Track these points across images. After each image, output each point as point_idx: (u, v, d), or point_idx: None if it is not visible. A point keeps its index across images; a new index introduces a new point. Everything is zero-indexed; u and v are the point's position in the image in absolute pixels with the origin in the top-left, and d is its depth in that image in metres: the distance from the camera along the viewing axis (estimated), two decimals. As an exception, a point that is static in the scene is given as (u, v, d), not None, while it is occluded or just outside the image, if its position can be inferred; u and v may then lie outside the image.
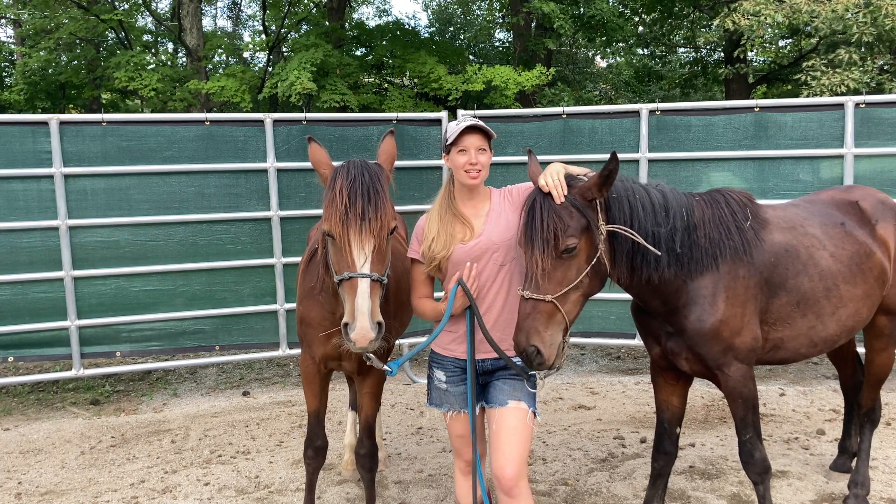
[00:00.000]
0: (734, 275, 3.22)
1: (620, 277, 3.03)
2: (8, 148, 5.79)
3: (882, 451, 4.84)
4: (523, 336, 2.73)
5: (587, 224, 2.80)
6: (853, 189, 4.08)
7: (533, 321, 2.73)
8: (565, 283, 2.77)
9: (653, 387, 3.66)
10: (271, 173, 6.24)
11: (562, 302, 2.75)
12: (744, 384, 3.29)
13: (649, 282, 3.08)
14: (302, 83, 11.52)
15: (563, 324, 2.77)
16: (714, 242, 3.19)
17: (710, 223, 3.21)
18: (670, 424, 3.61)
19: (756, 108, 6.16)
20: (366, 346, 2.70)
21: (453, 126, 3.03)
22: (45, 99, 16.54)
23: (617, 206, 2.93)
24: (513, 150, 6.39)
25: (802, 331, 3.44)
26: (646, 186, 3.10)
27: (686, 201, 3.19)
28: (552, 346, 2.75)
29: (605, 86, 21.72)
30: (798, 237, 3.48)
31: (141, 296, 6.13)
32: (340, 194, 2.80)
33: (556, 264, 2.76)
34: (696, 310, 3.18)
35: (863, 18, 9.26)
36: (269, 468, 4.85)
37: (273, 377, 7.13)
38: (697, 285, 3.18)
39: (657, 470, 3.66)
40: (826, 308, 3.46)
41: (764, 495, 3.42)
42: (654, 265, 3.01)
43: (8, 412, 6.25)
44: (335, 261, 2.88)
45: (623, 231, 2.90)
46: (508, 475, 2.94)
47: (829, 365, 6.66)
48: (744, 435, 3.37)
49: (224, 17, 29.11)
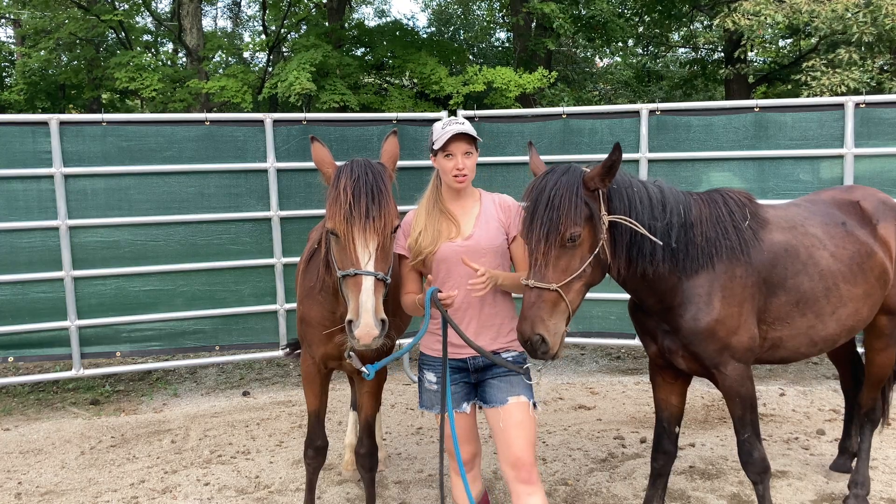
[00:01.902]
0: (731, 274, 3.22)
1: (619, 269, 3.03)
2: (8, 148, 5.79)
3: (882, 451, 4.84)
4: (528, 325, 2.75)
5: (591, 214, 2.83)
6: (854, 189, 4.08)
7: (538, 310, 2.74)
8: (569, 272, 2.79)
9: (651, 385, 3.67)
10: (271, 173, 6.24)
11: (566, 291, 2.77)
12: (741, 383, 3.29)
13: (644, 276, 3.09)
14: (301, 84, 11.52)
15: (566, 313, 2.79)
16: (710, 241, 3.20)
17: (708, 222, 3.22)
18: (669, 423, 3.61)
19: (756, 108, 6.16)
20: (370, 343, 2.71)
21: (439, 129, 3.06)
22: (45, 99, 16.54)
23: (618, 198, 2.96)
24: (513, 150, 6.38)
25: (802, 330, 3.44)
26: (644, 182, 3.12)
27: (684, 199, 3.20)
28: (556, 334, 2.77)
29: (605, 86, 21.72)
30: (798, 237, 3.48)
31: (141, 296, 6.13)
32: (345, 193, 2.81)
33: (561, 253, 2.78)
34: (691, 309, 3.19)
35: (863, 18, 9.27)
36: (269, 468, 4.85)
37: (273, 377, 7.13)
38: (693, 284, 3.18)
39: (657, 469, 3.66)
40: (826, 307, 3.46)
41: (763, 495, 3.42)
42: (650, 258, 3.03)
43: (8, 412, 6.25)
44: (338, 258, 2.88)
45: (625, 221, 2.92)
46: (526, 464, 3.01)
47: (829, 365, 6.66)
48: (742, 434, 3.37)
49: (224, 17, 29.12)
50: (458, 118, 3.11)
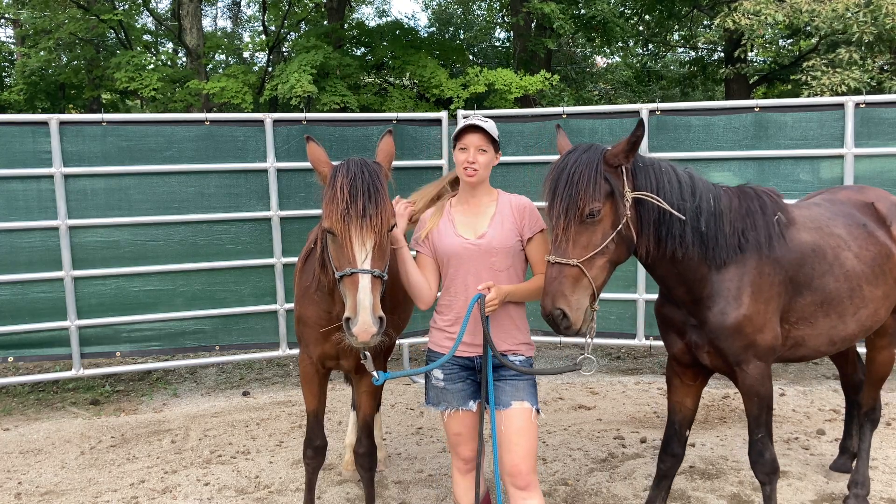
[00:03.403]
0: (760, 271, 3.20)
1: (648, 247, 3.00)
2: (8, 148, 5.79)
3: (882, 451, 4.84)
4: (549, 299, 2.76)
5: (611, 189, 2.83)
6: (865, 190, 4.07)
7: (559, 285, 2.75)
8: (591, 247, 2.80)
9: (667, 388, 3.63)
10: (271, 173, 6.24)
11: (587, 267, 2.77)
12: (761, 383, 3.27)
13: (674, 259, 3.07)
14: (302, 85, 11.52)
15: (589, 289, 2.79)
16: (740, 233, 3.18)
17: (737, 213, 3.21)
18: (681, 426, 3.58)
19: (756, 108, 6.16)
20: (367, 341, 2.71)
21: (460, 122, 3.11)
22: (45, 99, 16.54)
23: (644, 176, 2.95)
24: (513, 150, 6.39)
25: (824, 330, 3.44)
26: (674, 166, 3.11)
27: (713, 189, 3.19)
28: (578, 310, 2.77)
29: (605, 86, 21.73)
30: (825, 237, 3.48)
31: (141, 296, 6.13)
32: (341, 192, 2.81)
33: (581, 229, 2.79)
34: (720, 302, 3.17)
35: (863, 18, 9.27)
36: (269, 468, 4.85)
37: (273, 377, 7.13)
38: (722, 277, 3.17)
39: (663, 471, 3.63)
40: (849, 308, 3.47)
41: (770, 496, 3.41)
42: (679, 239, 3.02)
43: (8, 412, 6.25)
44: (335, 257, 2.89)
45: (648, 197, 2.91)
46: (524, 471, 3.02)
47: (830, 365, 6.66)
48: (756, 434, 3.35)
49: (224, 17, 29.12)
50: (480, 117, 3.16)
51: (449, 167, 6.61)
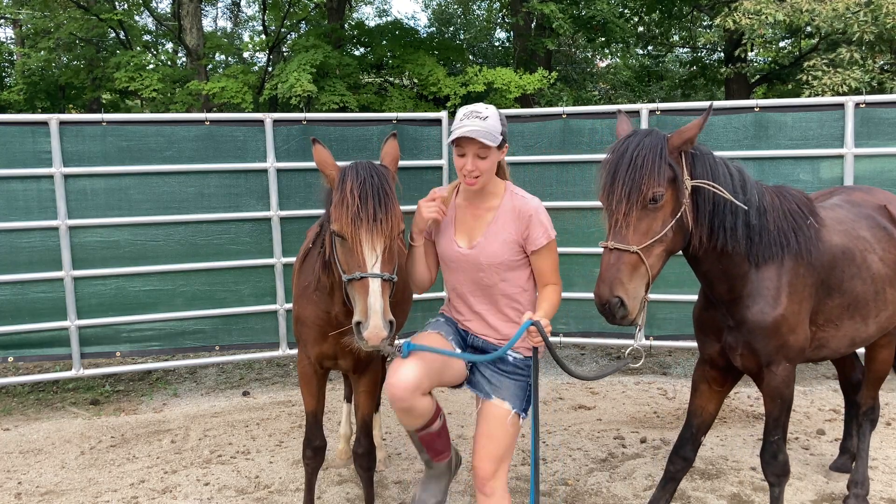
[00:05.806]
0: (796, 272, 3.20)
1: (701, 238, 2.96)
2: (8, 148, 5.78)
3: (882, 451, 4.84)
4: (606, 287, 2.67)
5: (674, 176, 2.78)
6: (874, 192, 4.07)
7: (617, 272, 2.67)
8: (650, 234, 2.73)
9: (691, 391, 3.59)
10: (271, 173, 6.24)
11: (646, 254, 2.71)
12: (786, 385, 3.26)
13: (723, 252, 3.03)
14: (302, 85, 11.52)
15: (646, 277, 2.73)
16: (782, 232, 3.17)
17: (779, 212, 3.20)
18: (698, 431, 3.55)
19: (756, 108, 6.16)
20: (378, 345, 2.72)
21: (456, 120, 2.93)
22: (45, 99, 16.55)
23: (701, 164, 2.91)
24: (513, 150, 6.38)
25: (848, 332, 3.44)
26: (724, 159, 3.08)
27: (758, 185, 3.17)
28: (636, 298, 2.70)
29: (605, 86, 21.73)
30: (853, 240, 3.47)
31: (141, 296, 6.13)
32: (352, 195, 2.81)
33: (642, 215, 2.73)
34: (759, 301, 3.15)
35: (863, 17, 9.27)
36: (269, 468, 4.85)
37: (273, 377, 7.13)
38: (762, 276, 3.15)
39: (671, 473, 3.59)
40: (872, 311, 3.47)
41: (778, 497, 3.39)
42: (731, 232, 2.98)
43: (8, 412, 6.25)
44: (344, 261, 2.89)
45: (710, 186, 2.87)
46: (481, 474, 2.97)
47: (829, 365, 6.66)
48: (772, 436, 3.33)
49: (224, 17, 29.12)
50: (478, 110, 2.90)
51: (449, 167, 6.61)
